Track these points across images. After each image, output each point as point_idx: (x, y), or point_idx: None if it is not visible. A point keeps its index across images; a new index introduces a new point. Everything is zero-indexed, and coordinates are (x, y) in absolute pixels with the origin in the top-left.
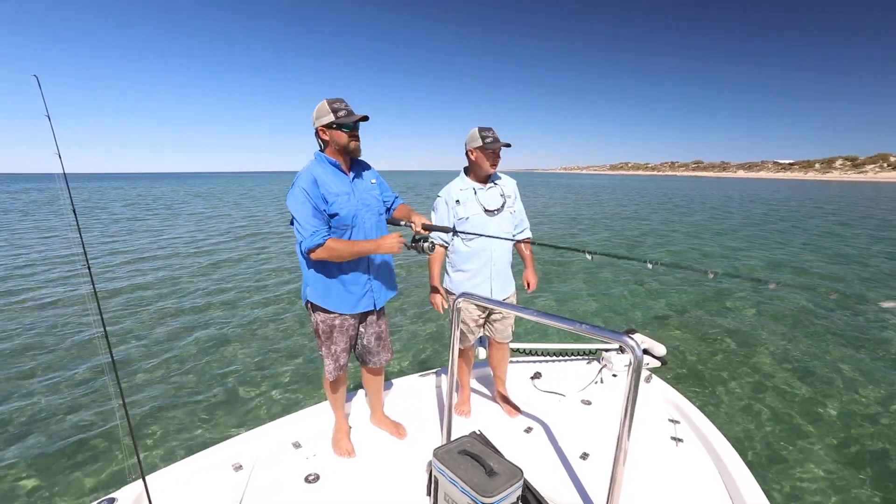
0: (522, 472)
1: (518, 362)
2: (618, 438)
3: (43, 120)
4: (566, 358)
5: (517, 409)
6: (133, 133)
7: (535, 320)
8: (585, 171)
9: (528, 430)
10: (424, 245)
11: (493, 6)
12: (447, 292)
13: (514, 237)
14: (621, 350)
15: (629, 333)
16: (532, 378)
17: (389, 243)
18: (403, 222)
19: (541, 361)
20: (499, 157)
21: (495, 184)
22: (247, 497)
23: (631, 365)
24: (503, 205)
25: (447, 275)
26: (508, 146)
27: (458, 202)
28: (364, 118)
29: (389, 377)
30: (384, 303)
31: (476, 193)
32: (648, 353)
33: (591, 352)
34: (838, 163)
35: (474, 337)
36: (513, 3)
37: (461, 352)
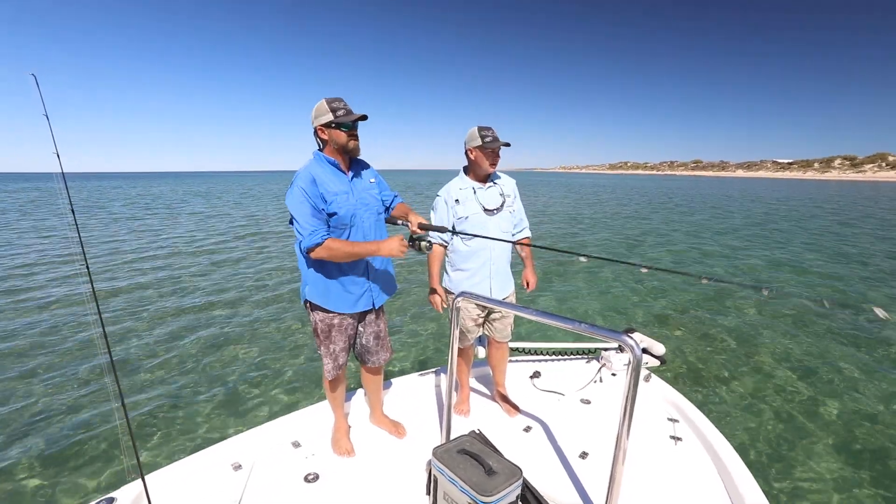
0: (521, 472)
1: (517, 361)
2: (617, 437)
3: (42, 119)
4: (565, 357)
5: (516, 409)
6: (132, 133)
7: (535, 319)
8: (585, 171)
9: (528, 430)
10: (421, 244)
11: (493, 6)
12: (446, 291)
13: (514, 236)
14: (620, 349)
15: (628, 332)
16: (531, 377)
17: (390, 247)
18: (401, 221)
19: (540, 360)
20: (498, 157)
21: (495, 183)
22: (246, 496)
23: (630, 364)
24: (502, 204)
25: (446, 274)
26: (508, 145)
27: (458, 201)
28: (363, 117)
29: (389, 376)
30: (383, 302)
31: (475, 193)
32: (647, 353)
33: (591, 351)
34: (837, 162)
35: (473, 336)
36: (513, 3)
37: (460, 351)
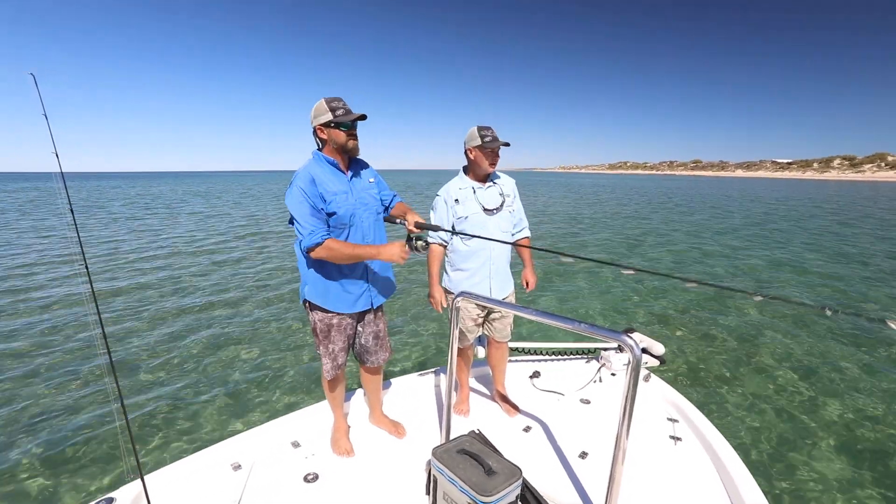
0: (521, 471)
1: (517, 361)
2: (616, 437)
3: (41, 119)
4: (565, 357)
5: (516, 409)
6: (132, 132)
7: (534, 319)
8: (584, 171)
9: (527, 430)
10: (418, 243)
11: (493, 6)
12: (446, 291)
13: (513, 236)
14: (620, 349)
15: (628, 332)
16: (531, 377)
17: (390, 252)
18: (399, 220)
19: (540, 360)
20: (498, 156)
21: (494, 183)
22: (245, 496)
23: (630, 364)
24: (502, 204)
25: (446, 274)
26: (507, 145)
27: (458, 201)
28: (362, 117)
29: (388, 376)
30: (382, 302)
31: (475, 192)
32: (647, 352)
33: (590, 351)
34: (836, 162)
35: (473, 336)
36: (513, 3)
37: (460, 351)
